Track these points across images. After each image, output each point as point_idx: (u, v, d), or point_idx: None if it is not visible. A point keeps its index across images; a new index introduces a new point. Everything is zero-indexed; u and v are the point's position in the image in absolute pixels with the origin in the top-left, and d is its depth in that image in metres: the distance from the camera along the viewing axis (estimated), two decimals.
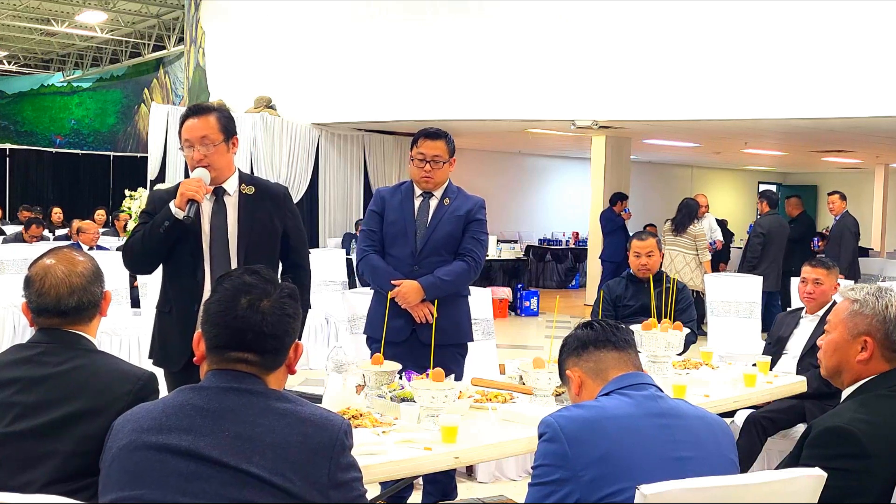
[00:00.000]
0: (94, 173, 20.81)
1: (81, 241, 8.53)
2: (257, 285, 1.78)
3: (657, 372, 3.51)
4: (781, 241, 9.55)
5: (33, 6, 17.98)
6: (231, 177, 3.27)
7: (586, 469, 1.85)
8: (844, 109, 8.47)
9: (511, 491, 4.38)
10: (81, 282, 2.19)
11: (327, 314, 7.78)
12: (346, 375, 2.98)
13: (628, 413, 1.95)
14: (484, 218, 3.84)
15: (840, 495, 1.97)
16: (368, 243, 3.81)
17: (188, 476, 1.62)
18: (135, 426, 1.70)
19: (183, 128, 3.21)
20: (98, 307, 2.24)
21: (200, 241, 3.20)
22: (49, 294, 2.17)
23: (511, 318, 11.45)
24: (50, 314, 2.18)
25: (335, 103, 11.83)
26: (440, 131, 3.78)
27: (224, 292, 1.78)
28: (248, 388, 1.72)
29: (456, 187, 3.87)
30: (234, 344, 1.75)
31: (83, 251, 2.35)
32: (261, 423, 1.67)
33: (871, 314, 2.23)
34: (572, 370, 2.14)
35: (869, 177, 17.33)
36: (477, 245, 3.78)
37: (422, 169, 3.71)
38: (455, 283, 3.72)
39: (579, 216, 15.60)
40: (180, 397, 1.73)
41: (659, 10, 9.29)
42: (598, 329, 2.15)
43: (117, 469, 1.68)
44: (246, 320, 1.74)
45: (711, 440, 1.99)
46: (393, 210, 3.79)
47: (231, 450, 1.63)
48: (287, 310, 1.79)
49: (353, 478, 1.72)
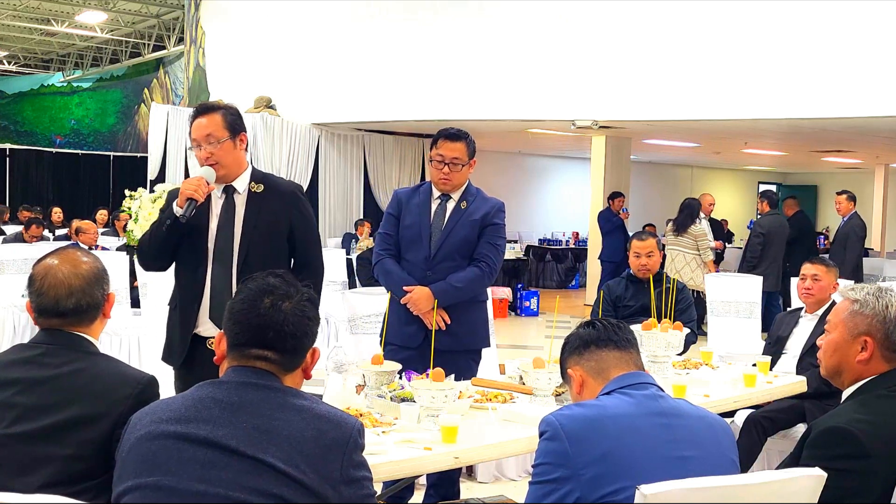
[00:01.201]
0: (94, 173, 20.81)
1: (81, 241, 8.49)
2: (280, 287, 1.85)
3: (657, 372, 3.51)
4: (781, 241, 9.55)
5: (33, 6, 17.98)
6: (242, 175, 3.23)
7: (587, 468, 1.86)
8: (844, 109, 8.47)
9: (511, 491, 4.38)
10: (81, 284, 2.18)
11: (327, 314, 7.78)
12: (346, 375, 2.97)
13: (629, 412, 1.95)
14: (502, 222, 3.74)
15: (840, 495, 1.97)
16: (384, 247, 3.75)
17: (205, 463, 1.66)
18: (153, 417, 1.75)
19: (192, 128, 3.20)
20: (99, 309, 2.23)
21: (206, 238, 3.18)
22: (48, 294, 2.17)
23: (511, 318, 11.44)
24: (49, 315, 2.17)
25: (335, 103, 11.83)
26: (461, 132, 3.69)
27: (248, 292, 1.84)
28: (266, 384, 1.78)
29: (475, 189, 3.78)
30: (256, 341, 1.80)
31: (89, 252, 2.34)
32: (278, 416, 1.72)
33: (872, 314, 2.23)
34: (574, 369, 2.14)
35: (869, 177, 17.34)
36: (492, 250, 3.69)
37: (440, 171, 3.64)
38: (467, 289, 3.65)
39: (579, 216, 15.59)
40: (200, 392, 1.78)
41: (659, 10, 9.29)
42: (599, 328, 2.15)
43: (134, 458, 1.72)
44: (268, 318, 1.80)
45: (712, 440, 1.99)
46: (410, 213, 3.72)
47: (248, 440, 1.67)
48: (307, 313, 1.86)
49: (364, 476, 1.76)
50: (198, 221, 3.15)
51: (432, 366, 2.83)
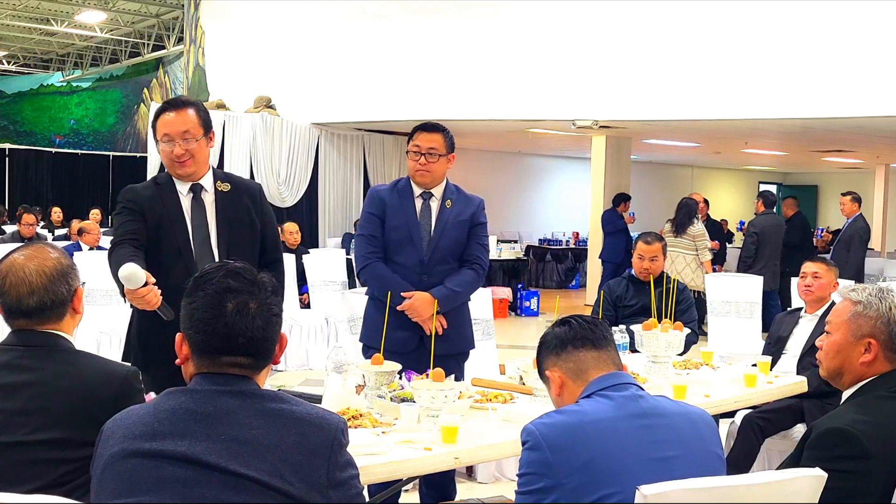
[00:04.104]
0: (93, 173, 20.79)
1: (84, 241, 8.48)
2: (242, 288, 1.73)
3: (658, 372, 3.51)
4: (777, 240, 9.55)
5: (33, 6, 17.98)
6: (207, 173, 3.19)
7: (570, 476, 1.85)
8: (844, 109, 8.47)
9: (511, 491, 4.36)
10: (43, 281, 2.11)
11: (327, 314, 7.77)
12: (346, 375, 2.97)
13: (610, 416, 1.93)
14: (485, 220, 3.73)
15: (841, 496, 1.96)
16: (371, 250, 3.62)
17: (186, 482, 1.60)
18: (126, 433, 1.66)
19: (159, 122, 3.11)
20: (66, 306, 2.15)
21: (186, 242, 3.11)
22: (10, 293, 2.10)
23: (511, 319, 11.44)
24: (15, 315, 2.11)
25: (335, 103, 11.82)
26: (438, 125, 3.66)
27: (208, 296, 1.72)
28: (241, 391, 1.70)
29: (454, 186, 3.74)
30: (226, 349, 1.71)
31: (55, 247, 2.25)
32: (256, 425, 1.65)
33: (876, 316, 2.22)
34: (552, 371, 2.12)
35: (869, 177, 17.34)
36: (482, 251, 3.67)
37: (417, 162, 3.57)
38: (465, 293, 3.63)
39: (579, 216, 15.59)
40: (171, 401, 1.69)
41: (659, 10, 9.29)
42: (575, 326, 2.12)
43: (110, 477, 1.65)
44: (236, 326, 1.71)
45: (695, 436, 1.98)
46: (394, 214, 3.61)
47: (229, 454, 1.61)
48: (273, 309, 1.77)
49: (351, 475, 1.72)
50: (173, 228, 3.09)
51: (432, 366, 2.83)
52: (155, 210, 3.12)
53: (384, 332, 3.22)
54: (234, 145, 11.54)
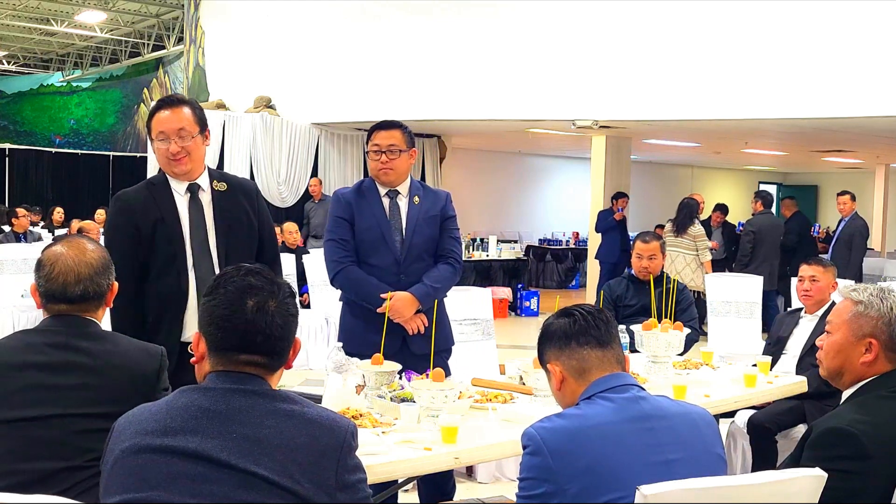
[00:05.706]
0: (93, 173, 20.77)
1: None
2: (263, 287, 1.76)
3: (658, 372, 3.51)
4: (774, 239, 9.55)
5: (33, 6, 17.97)
6: (203, 173, 3.17)
7: (571, 481, 1.84)
8: (844, 109, 8.46)
9: (511, 491, 4.36)
10: (89, 272, 2.26)
11: (327, 314, 7.77)
12: (346, 375, 2.97)
13: (611, 419, 1.92)
14: (454, 213, 3.69)
15: (841, 496, 1.96)
16: (343, 254, 3.54)
17: (196, 478, 1.61)
18: (137, 428, 1.68)
19: (154, 120, 3.08)
20: (103, 298, 2.31)
21: (182, 244, 3.08)
22: (57, 280, 2.24)
23: (511, 319, 11.44)
24: (57, 300, 2.25)
25: (335, 103, 11.82)
26: (395, 122, 3.61)
27: (229, 294, 1.74)
28: (253, 390, 1.71)
29: (419, 183, 3.71)
30: (243, 347, 1.73)
31: (96, 242, 2.39)
32: (268, 424, 1.66)
33: (877, 316, 2.22)
34: (553, 364, 2.09)
35: (869, 177, 17.34)
36: (455, 244, 3.66)
37: (378, 160, 3.53)
38: (444, 288, 3.60)
39: (579, 216, 15.58)
40: (183, 398, 1.71)
41: (659, 10, 9.28)
42: (579, 320, 2.07)
43: (120, 472, 1.66)
44: (255, 323, 1.72)
45: (697, 438, 1.98)
46: (363, 215, 3.55)
47: (239, 451, 1.62)
48: (291, 310, 1.79)
49: (359, 479, 1.73)
50: (169, 229, 3.06)
51: (432, 366, 2.83)
52: (149, 213, 3.08)
53: (343, 338, 3.15)
54: (234, 145, 11.53)
